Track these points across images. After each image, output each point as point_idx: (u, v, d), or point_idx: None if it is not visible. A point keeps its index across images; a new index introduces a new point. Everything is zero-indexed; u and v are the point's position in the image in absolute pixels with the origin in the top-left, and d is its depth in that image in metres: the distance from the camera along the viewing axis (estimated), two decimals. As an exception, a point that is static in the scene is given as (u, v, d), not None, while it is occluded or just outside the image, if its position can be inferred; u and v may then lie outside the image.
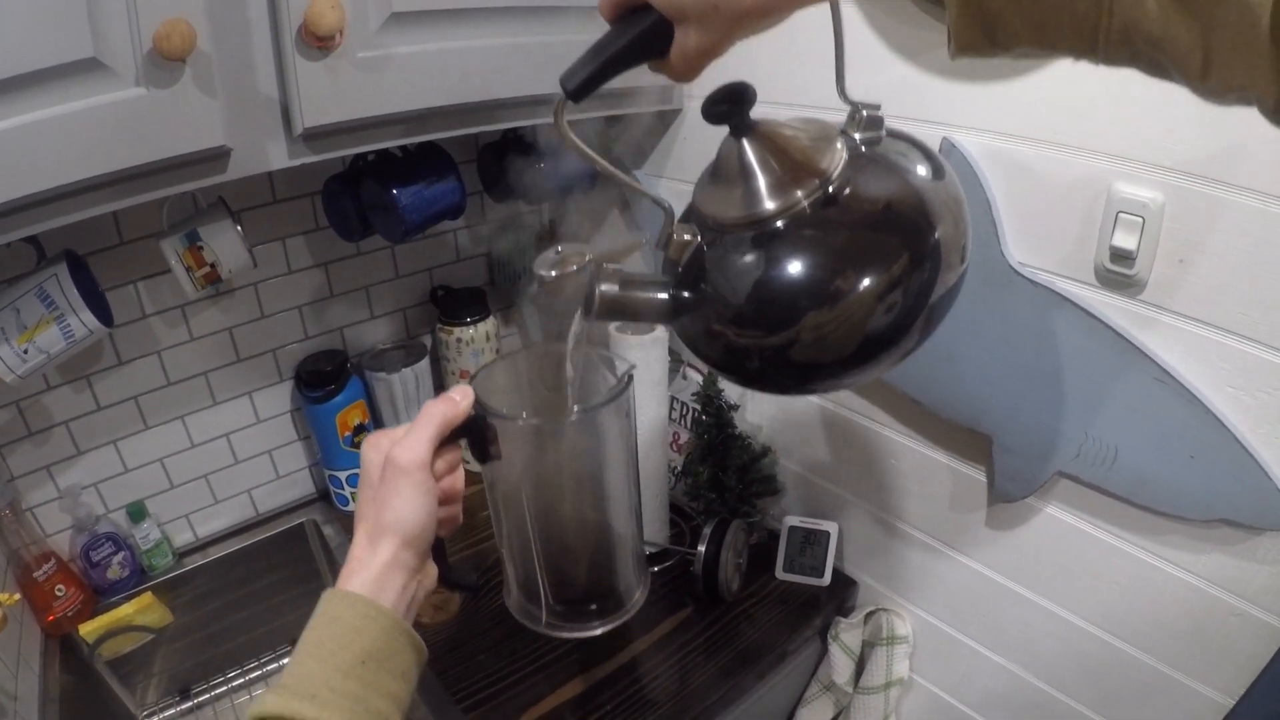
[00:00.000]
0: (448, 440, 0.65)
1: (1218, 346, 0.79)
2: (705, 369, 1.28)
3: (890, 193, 0.60)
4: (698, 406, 1.26)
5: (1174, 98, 0.73)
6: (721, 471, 1.25)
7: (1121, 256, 0.81)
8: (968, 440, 1.03)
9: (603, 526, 0.79)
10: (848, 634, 1.21)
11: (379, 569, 0.59)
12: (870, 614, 1.22)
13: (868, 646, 1.22)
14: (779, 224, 0.58)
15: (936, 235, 0.59)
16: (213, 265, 1.06)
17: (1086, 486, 0.92)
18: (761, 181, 0.59)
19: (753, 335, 0.60)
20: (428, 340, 1.48)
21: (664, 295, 0.63)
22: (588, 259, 0.64)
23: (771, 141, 0.59)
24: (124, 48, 0.71)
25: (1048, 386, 0.91)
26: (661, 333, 1.07)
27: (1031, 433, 0.94)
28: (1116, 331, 0.84)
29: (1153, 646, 0.93)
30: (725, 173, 0.61)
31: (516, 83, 0.96)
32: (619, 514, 0.79)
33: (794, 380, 0.63)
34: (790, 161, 0.59)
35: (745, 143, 0.60)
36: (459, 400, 0.66)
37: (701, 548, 1.15)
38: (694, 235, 0.61)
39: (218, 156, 0.81)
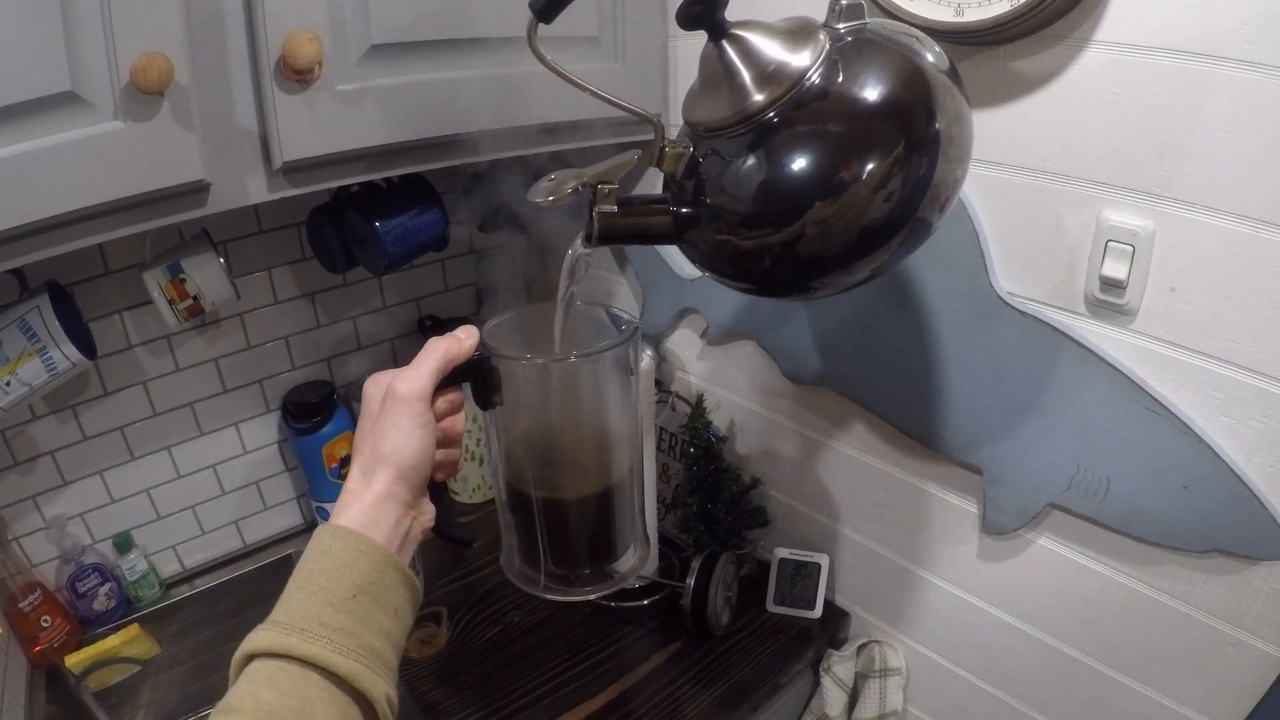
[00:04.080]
0: (450, 380, 0.64)
1: (1210, 375, 0.78)
2: (692, 400, 1.27)
3: (887, 70, 0.59)
4: (686, 437, 1.25)
5: (1163, 124, 0.73)
6: (711, 504, 1.24)
7: (1112, 285, 0.81)
8: (958, 472, 1.02)
9: (604, 485, 0.77)
10: (840, 666, 1.19)
11: (371, 501, 0.58)
12: (863, 646, 1.20)
13: (860, 679, 1.20)
14: (770, 115, 0.58)
15: (936, 116, 0.58)
16: (195, 298, 1.06)
17: (1079, 518, 0.91)
18: (746, 76, 0.59)
19: (759, 234, 0.60)
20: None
21: (666, 214, 0.64)
22: (583, 182, 0.63)
23: (750, 38, 0.59)
24: (101, 81, 0.70)
25: (1038, 417, 0.90)
26: (649, 364, 1.06)
27: (1022, 464, 0.93)
28: (1107, 361, 0.83)
29: (1149, 677, 0.91)
30: (709, 78, 0.61)
31: (499, 114, 0.95)
32: (621, 474, 0.78)
33: (804, 274, 0.63)
34: (773, 53, 0.59)
35: (724, 44, 0.60)
36: (464, 338, 0.65)
37: (690, 580, 1.14)
38: (686, 146, 0.62)
39: (197, 190, 0.80)
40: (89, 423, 1.17)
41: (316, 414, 1.28)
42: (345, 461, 1.32)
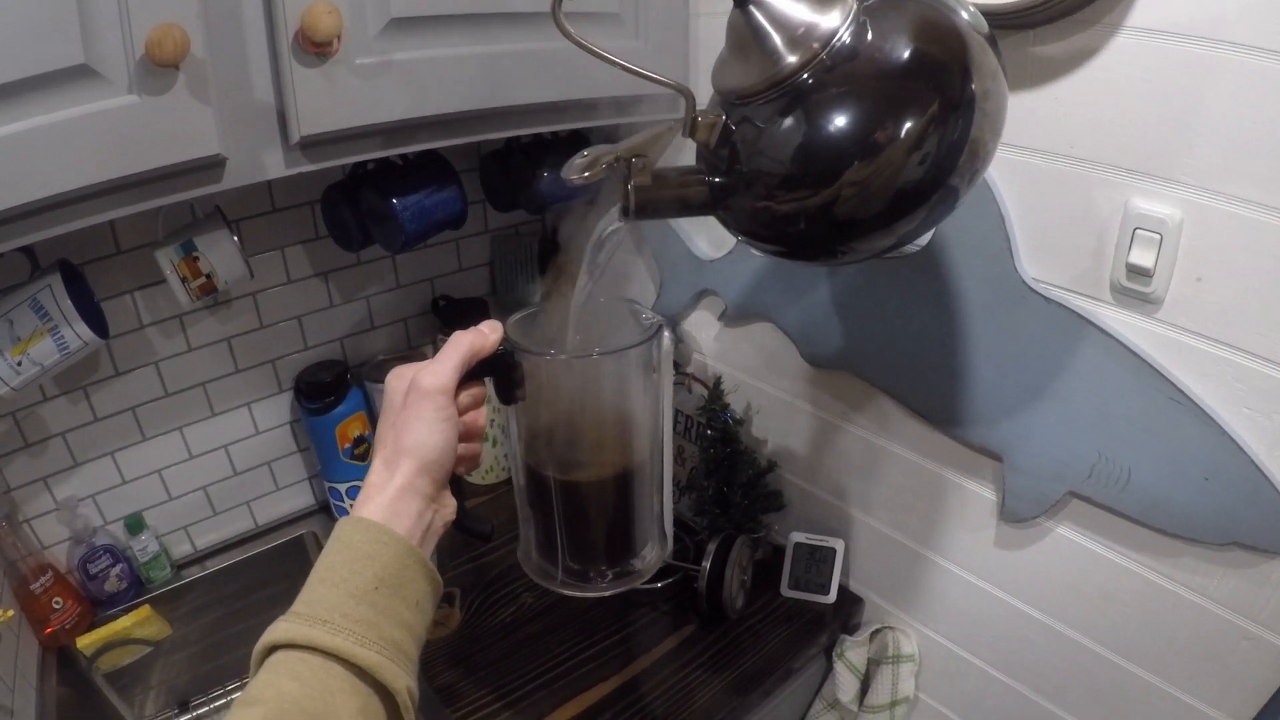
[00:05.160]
0: (474, 374, 0.65)
1: (1234, 367, 0.77)
2: (709, 382, 1.26)
3: (917, 27, 0.59)
4: (703, 420, 1.24)
5: (1194, 112, 0.72)
6: (727, 487, 1.23)
7: (1138, 273, 0.80)
8: (976, 458, 1.02)
9: (623, 478, 0.78)
10: (853, 652, 1.19)
11: (393, 494, 0.59)
12: (876, 632, 1.20)
13: (873, 665, 1.20)
14: (804, 78, 0.57)
15: (971, 75, 0.57)
16: (208, 276, 1.05)
17: (1098, 507, 0.90)
18: (776, 40, 0.58)
19: (797, 197, 0.59)
20: (429, 351, 1.47)
21: (702, 185, 0.64)
22: (617, 156, 0.63)
23: (776, 2, 0.59)
24: (116, 54, 0.69)
25: (1060, 405, 0.89)
26: (668, 344, 1.05)
27: (1043, 452, 0.92)
28: (1132, 350, 0.82)
29: (1163, 669, 0.91)
30: (738, 44, 0.61)
31: (519, 90, 0.94)
32: (640, 468, 0.78)
33: (837, 237, 0.62)
34: (800, 15, 0.58)
35: (751, 8, 0.59)
36: (488, 333, 0.65)
37: (706, 564, 1.13)
38: (718, 115, 0.62)
39: (212, 165, 0.79)
40: (100, 403, 1.16)
41: (329, 394, 1.27)
42: (358, 442, 1.31)
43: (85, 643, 1.14)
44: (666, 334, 0.75)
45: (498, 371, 0.68)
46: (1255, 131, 0.70)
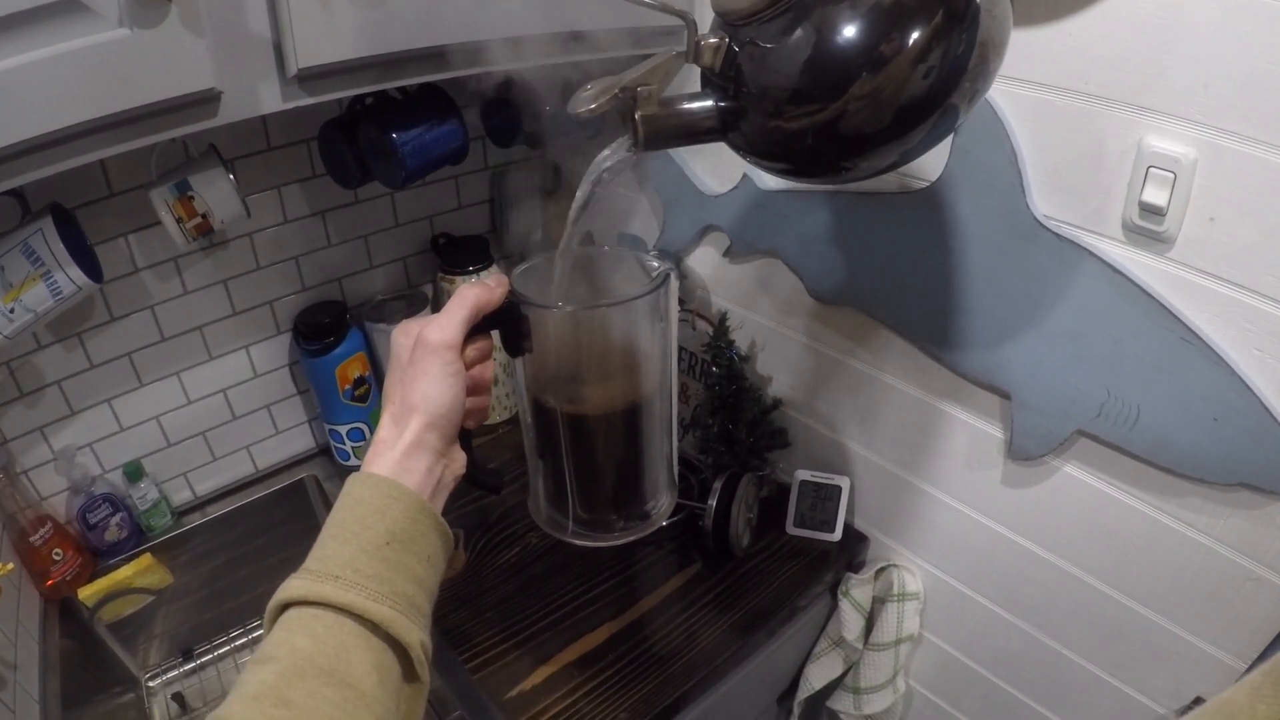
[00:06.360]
0: (480, 328, 0.65)
1: (1245, 308, 0.77)
2: (714, 319, 1.25)
3: None
4: (707, 357, 1.24)
5: (1210, 51, 0.71)
6: (732, 424, 1.23)
7: (1151, 212, 0.78)
8: (984, 396, 1.01)
9: (633, 424, 0.78)
10: (858, 590, 1.20)
11: (403, 449, 0.59)
12: (881, 570, 1.21)
13: (878, 602, 1.21)
14: None
15: None
16: (204, 216, 1.03)
17: (1106, 446, 0.91)
18: None
19: (804, 113, 0.59)
20: (429, 290, 1.45)
21: (710, 110, 0.63)
22: (623, 86, 0.62)
23: None
24: (106, -14, 0.66)
25: (1069, 343, 0.89)
26: (673, 282, 1.04)
27: (1051, 390, 0.92)
28: (1143, 289, 0.82)
29: (1167, 608, 0.92)
30: None
31: (524, 20, 0.90)
32: (651, 420, 0.78)
33: (841, 153, 0.62)
34: None
35: None
36: (494, 287, 0.65)
37: (712, 502, 1.14)
38: (721, 37, 0.61)
39: (207, 100, 0.77)
40: (96, 350, 1.14)
41: (328, 335, 1.26)
42: (358, 383, 1.30)
43: (87, 594, 1.14)
44: (674, 280, 0.74)
45: (504, 324, 0.67)
46: (1271, 72, 0.68)
